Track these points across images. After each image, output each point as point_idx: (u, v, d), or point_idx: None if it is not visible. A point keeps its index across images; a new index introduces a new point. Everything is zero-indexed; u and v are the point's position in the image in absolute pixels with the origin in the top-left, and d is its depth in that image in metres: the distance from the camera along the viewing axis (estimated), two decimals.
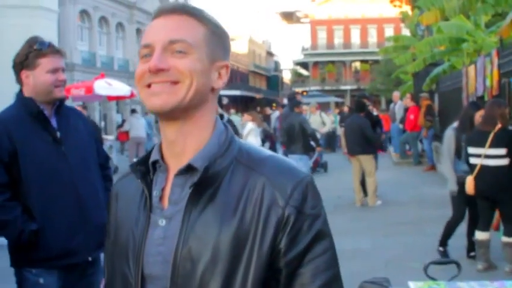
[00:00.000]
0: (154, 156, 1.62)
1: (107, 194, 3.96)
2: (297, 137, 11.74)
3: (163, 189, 1.59)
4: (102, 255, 3.84)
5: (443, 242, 7.82)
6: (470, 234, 7.62)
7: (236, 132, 8.28)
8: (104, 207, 3.81)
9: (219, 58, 1.60)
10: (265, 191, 1.50)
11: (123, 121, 24.47)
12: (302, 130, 11.72)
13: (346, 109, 28.45)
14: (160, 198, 1.59)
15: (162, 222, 1.55)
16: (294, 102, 13.06)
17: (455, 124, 7.80)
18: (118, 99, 24.55)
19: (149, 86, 1.53)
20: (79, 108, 4.55)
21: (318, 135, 16.39)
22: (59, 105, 3.71)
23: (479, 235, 7.23)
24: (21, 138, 3.52)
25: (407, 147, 20.16)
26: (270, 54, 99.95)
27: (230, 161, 1.55)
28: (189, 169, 1.54)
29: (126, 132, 21.55)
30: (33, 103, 3.57)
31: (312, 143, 12.92)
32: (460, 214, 7.70)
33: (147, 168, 1.63)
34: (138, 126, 21.25)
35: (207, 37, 1.57)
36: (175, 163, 1.58)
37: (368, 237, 9.35)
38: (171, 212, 1.55)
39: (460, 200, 7.51)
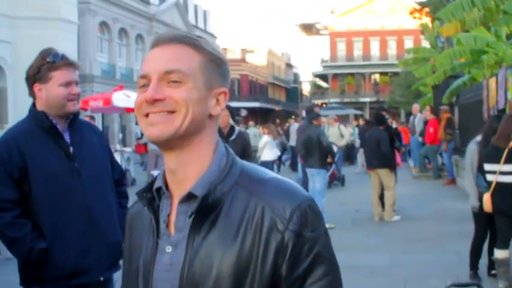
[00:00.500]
0: (158, 183, 1.65)
1: (121, 212, 3.87)
2: (314, 150, 11.60)
3: (169, 215, 1.61)
4: (114, 276, 3.75)
5: (473, 264, 7.56)
6: (490, 252, 7.44)
7: (249, 144, 8.14)
8: (117, 225, 3.71)
9: (217, 85, 1.62)
10: (265, 215, 1.51)
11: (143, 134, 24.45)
12: (319, 143, 11.60)
13: (361, 122, 28.30)
14: (168, 224, 1.61)
15: (169, 249, 1.58)
16: (313, 114, 12.93)
17: (479, 138, 7.62)
18: None
19: (147, 115, 1.56)
20: (87, 119, 4.47)
21: (335, 149, 16.22)
22: (73, 119, 3.62)
23: (499, 253, 7.03)
24: (32, 153, 3.44)
25: (426, 160, 19.97)
26: (289, 66, 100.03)
27: (231, 185, 1.57)
28: (190, 197, 1.56)
29: (145, 145, 21.45)
30: (45, 117, 3.49)
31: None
32: (484, 230, 7.51)
33: (153, 194, 1.65)
34: None
35: (203, 65, 1.59)
36: (178, 190, 1.60)
37: (386, 253, 9.18)
38: (177, 238, 1.58)
39: (483, 216, 7.32)
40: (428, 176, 19.31)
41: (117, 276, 3.97)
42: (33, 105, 3.57)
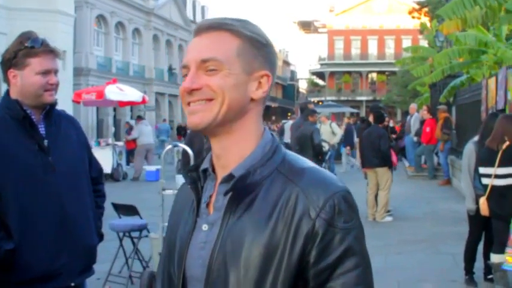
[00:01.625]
0: (205, 164, 1.69)
1: (98, 212, 3.62)
2: (308, 147, 11.39)
3: (211, 196, 1.65)
4: (87, 282, 3.51)
5: (468, 269, 7.37)
6: (486, 256, 7.22)
7: None
8: (93, 226, 3.47)
9: (258, 68, 1.61)
10: (299, 202, 1.51)
11: (131, 128, 24.11)
12: (312, 140, 11.39)
13: (346, 120, 28.26)
14: (208, 204, 1.64)
15: (205, 228, 1.61)
16: (309, 111, 12.76)
17: (477, 138, 7.38)
18: (129, 104, 24.27)
19: (189, 104, 1.60)
20: None
21: (327, 147, 16.00)
22: (49, 110, 3.33)
23: (495, 258, 6.78)
24: (2, 144, 3.16)
25: (422, 160, 19.82)
26: (286, 63, 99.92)
27: (271, 170, 1.58)
28: (231, 178, 1.57)
29: (134, 140, 21.19)
30: (18, 106, 3.21)
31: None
32: (478, 234, 7.30)
33: (198, 175, 1.69)
34: (147, 133, 21.00)
35: (241, 49, 1.59)
36: (221, 172, 1.63)
37: (380, 254, 8.91)
38: (214, 218, 1.60)
39: (478, 219, 7.10)
40: (423, 176, 19.22)
41: (90, 282, 3.78)
42: (7, 92, 3.30)
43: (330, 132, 19.17)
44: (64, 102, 28.63)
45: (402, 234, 10.52)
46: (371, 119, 12.92)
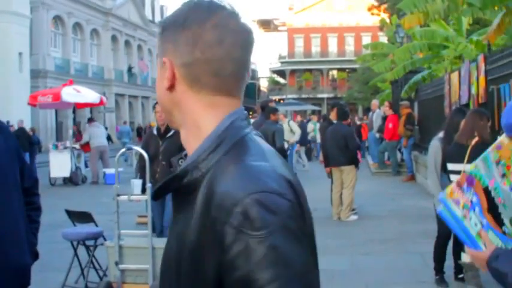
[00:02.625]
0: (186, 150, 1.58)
1: (32, 227, 3.25)
2: None
3: None
4: None
5: (438, 268, 7.15)
6: (456, 254, 7.02)
7: None
8: (25, 245, 3.10)
9: (164, 55, 1.49)
10: (213, 205, 1.33)
11: (79, 132, 23.47)
12: (273, 142, 11.09)
13: (299, 118, 28.46)
14: None
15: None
16: (271, 109, 12.48)
17: (441, 134, 7.16)
18: (87, 106, 23.73)
19: None
20: None
21: (286, 145, 15.80)
22: None
23: (467, 257, 6.58)
24: None
25: (386, 156, 19.75)
26: None
27: (210, 166, 1.41)
28: None
29: (87, 144, 20.63)
30: None
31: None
32: (447, 232, 7.07)
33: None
34: (99, 134, 20.53)
35: (159, 43, 1.54)
36: None
37: (346, 255, 8.70)
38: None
39: None
40: (387, 173, 19.18)
41: None
42: None
43: (288, 131, 18.94)
44: (20, 106, 28.08)
45: (368, 233, 10.30)
46: (332, 116, 12.68)
